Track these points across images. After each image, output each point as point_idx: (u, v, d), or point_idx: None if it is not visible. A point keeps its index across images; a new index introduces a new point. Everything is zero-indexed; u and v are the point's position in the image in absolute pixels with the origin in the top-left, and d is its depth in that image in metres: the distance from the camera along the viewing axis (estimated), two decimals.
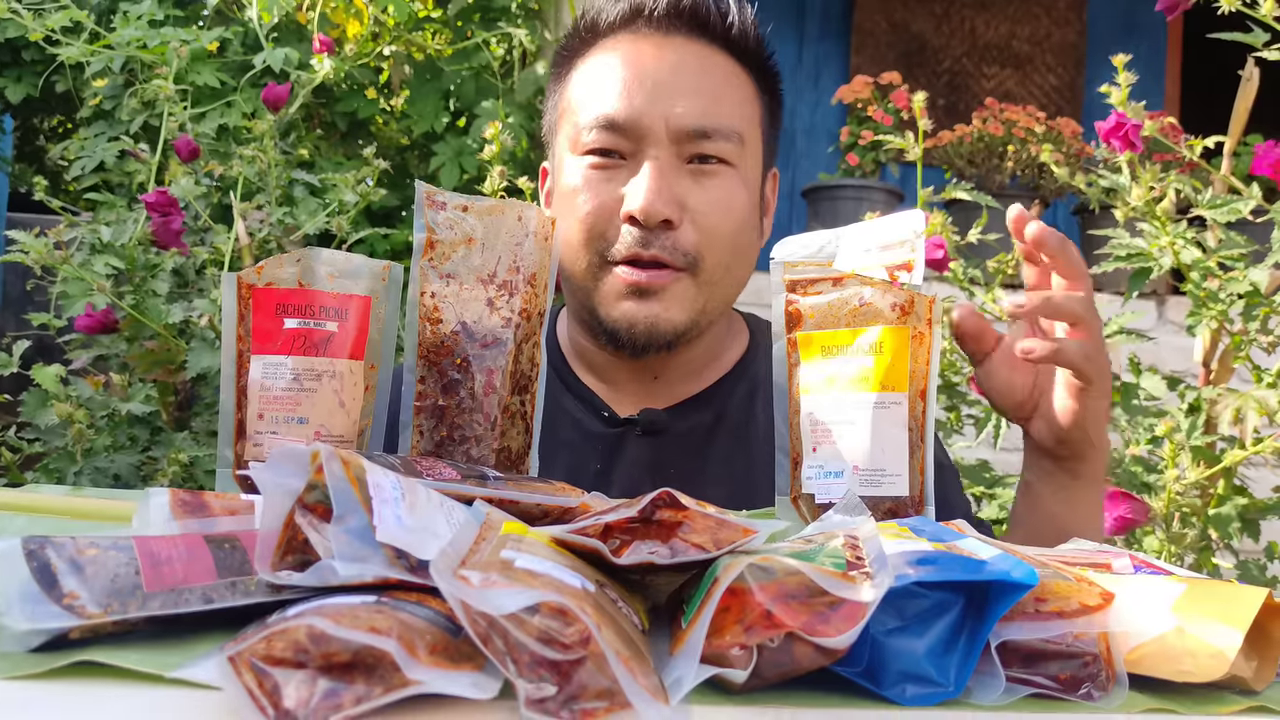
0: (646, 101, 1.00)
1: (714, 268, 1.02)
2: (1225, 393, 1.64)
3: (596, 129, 1.01)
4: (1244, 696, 0.52)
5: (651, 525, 0.54)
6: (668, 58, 1.03)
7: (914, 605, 0.49)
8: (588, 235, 1.01)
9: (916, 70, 5.03)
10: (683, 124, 1.00)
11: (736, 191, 1.03)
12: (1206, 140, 1.62)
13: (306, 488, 0.50)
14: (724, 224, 1.02)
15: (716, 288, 1.04)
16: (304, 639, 0.41)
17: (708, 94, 1.02)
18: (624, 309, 1.01)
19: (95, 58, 2.54)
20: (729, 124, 1.02)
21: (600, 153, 1.02)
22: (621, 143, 1.01)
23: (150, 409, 1.83)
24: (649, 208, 0.97)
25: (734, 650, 0.46)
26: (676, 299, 1.01)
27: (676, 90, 1.00)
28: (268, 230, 2.08)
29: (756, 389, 1.14)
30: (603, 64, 1.04)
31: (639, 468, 1.07)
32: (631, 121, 1.00)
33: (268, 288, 0.75)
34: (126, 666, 0.44)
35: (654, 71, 1.01)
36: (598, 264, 1.02)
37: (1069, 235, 3.91)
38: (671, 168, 1.00)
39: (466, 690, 0.41)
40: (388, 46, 2.80)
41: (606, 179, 1.01)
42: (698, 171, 1.02)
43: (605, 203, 1.01)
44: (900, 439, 0.77)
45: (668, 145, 1.00)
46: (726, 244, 1.03)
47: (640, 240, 0.99)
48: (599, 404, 1.11)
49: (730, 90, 1.05)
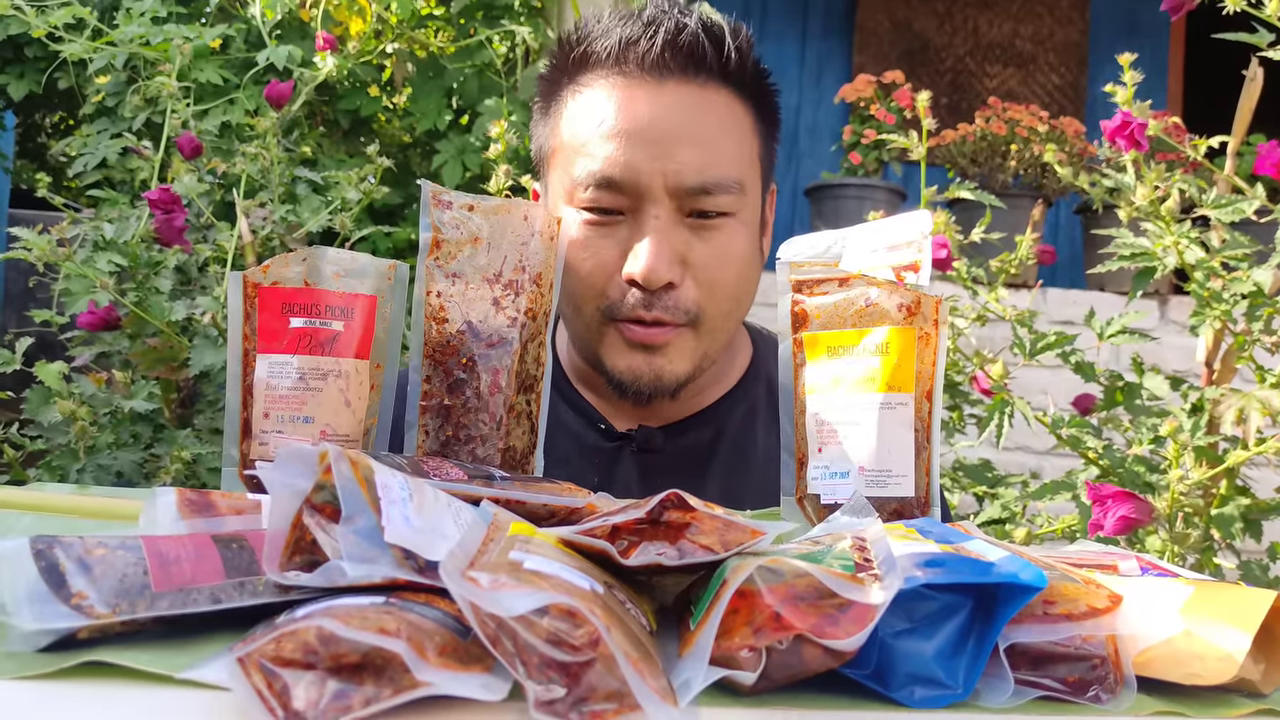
0: (644, 158, 0.96)
1: (714, 318, 1.02)
2: (1228, 393, 1.64)
3: (593, 187, 0.98)
4: (1252, 699, 0.52)
5: (659, 526, 0.54)
6: (663, 105, 0.98)
7: (922, 607, 0.49)
8: (589, 293, 1.00)
9: (919, 69, 5.02)
10: (682, 182, 0.97)
11: (736, 240, 1.02)
12: (1210, 140, 1.62)
13: (314, 488, 0.50)
14: (725, 277, 1.01)
15: (717, 334, 1.03)
16: (313, 640, 0.41)
17: (706, 145, 0.99)
18: (629, 362, 1.01)
19: (98, 54, 2.54)
20: (729, 175, 0.99)
21: (598, 210, 0.99)
22: (619, 200, 0.98)
23: (153, 406, 1.83)
24: (651, 274, 0.95)
25: (743, 652, 0.46)
26: (679, 351, 1.01)
27: (674, 144, 0.97)
28: (270, 228, 2.08)
29: (756, 410, 1.13)
30: (595, 108, 1.00)
31: (634, 485, 1.07)
32: (629, 181, 0.97)
33: (274, 287, 0.75)
34: (135, 667, 0.44)
35: (649, 124, 0.97)
36: (600, 320, 1.01)
37: (1072, 235, 3.89)
38: (671, 226, 0.98)
39: (476, 692, 0.41)
40: (390, 44, 2.79)
41: (604, 235, 0.99)
42: (697, 225, 0.99)
43: (605, 262, 0.99)
44: (906, 439, 0.77)
45: (667, 202, 0.97)
46: (727, 295, 1.02)
47: (643, 303, 0.98)
48: (596, 417, 1.10)
49: (729, 133, 1.01)
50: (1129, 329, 1.81)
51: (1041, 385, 3.17)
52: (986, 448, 3.14)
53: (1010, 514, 1.85)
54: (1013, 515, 1.85)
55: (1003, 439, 1.68)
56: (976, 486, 1.98)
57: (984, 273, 1.96)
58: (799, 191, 4.51)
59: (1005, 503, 1.88)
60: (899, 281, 0.81)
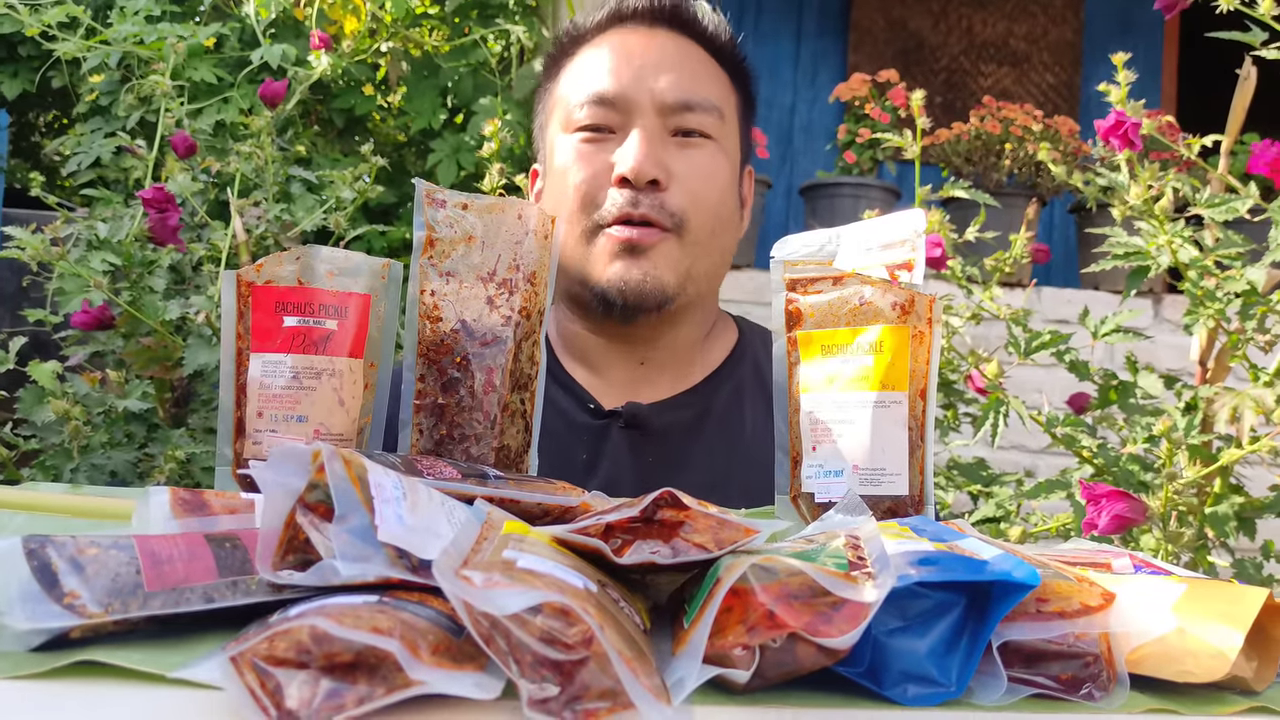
0: (633, 79, 1.09)
1: (698, 229, 1.09)
2: (1222, 391, 1.64)
3: (588, 105, 1.09)
4: (1245, 697, 0.52)
5: (653, 525, 0.54)
6: (652, 44, 1.12)
7: (916, 605, 0.49)
8: (581, 202, 1.08)
9: (914, 68, 5.02)
10: (666, 98, 1.08)
11: (718, 160, 1.12)
12: (1204, 139, 1.62)
13: (308, 487, 0.50)
14: (707, 190, 1.09)
15: (701, 251, 1.10)
16: (306, 639, 0.41)
17: (688, 73, 1.11)
18: (615, 269, 1.07)
19: (92, 53, 2.54)
20: (709, 98, 1.11)
21: (591, 129, 1.09)
22: (611, 117, 1.09)
23: (147, 406, 1.82)
24: (638, 168, 1.04)
25: (736, 650, 0.46)
26: (664, 258, 1.07)
27: (660, 69, 1.10)
28: (265, 227, 2.08)
29: (743, 388, 1.17)
30: (592, 55, 1.13)
31: (623, 460, 1.10)
32: (620, 96, 1.08)
33: (267, 285, 0.75)
34: (128, 666, 0.44)
35: (639, 55, 1.11)
36: (590, 229, 1.08)
37: (1066, 234, 3.90)
38: (658, 136, 1.08)
39: (469, 691, 0.41)
40: (385, 43, 2.79)
41: (597, 150, 1.09)
42: (682, 143, 1.09)
43: (597, 171, 1.08)
44: (900, 438, 0.77)
45: (654, 116, 1.08)
46: (710, 209, 1.10)
47: (630, 200, 1.06)
48: (585, 395, 1.14)
49: (708, 73, 1.14)
50: (1123, 328, 1.82)
51: (1036, 384, 3.18)
52: (981, 446, 3.14)
53: (1005, 512, 1.86)
54: (1007, 514, 1.85)
55: (998, 438, 1.68)
56: (971, 485, 1.98)
57: (978, 272, 1.97)
58: (794, 190, 4.51)
59: (1000, 501, 1.88)
60: (893, 280, 0.81)
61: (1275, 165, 1.62)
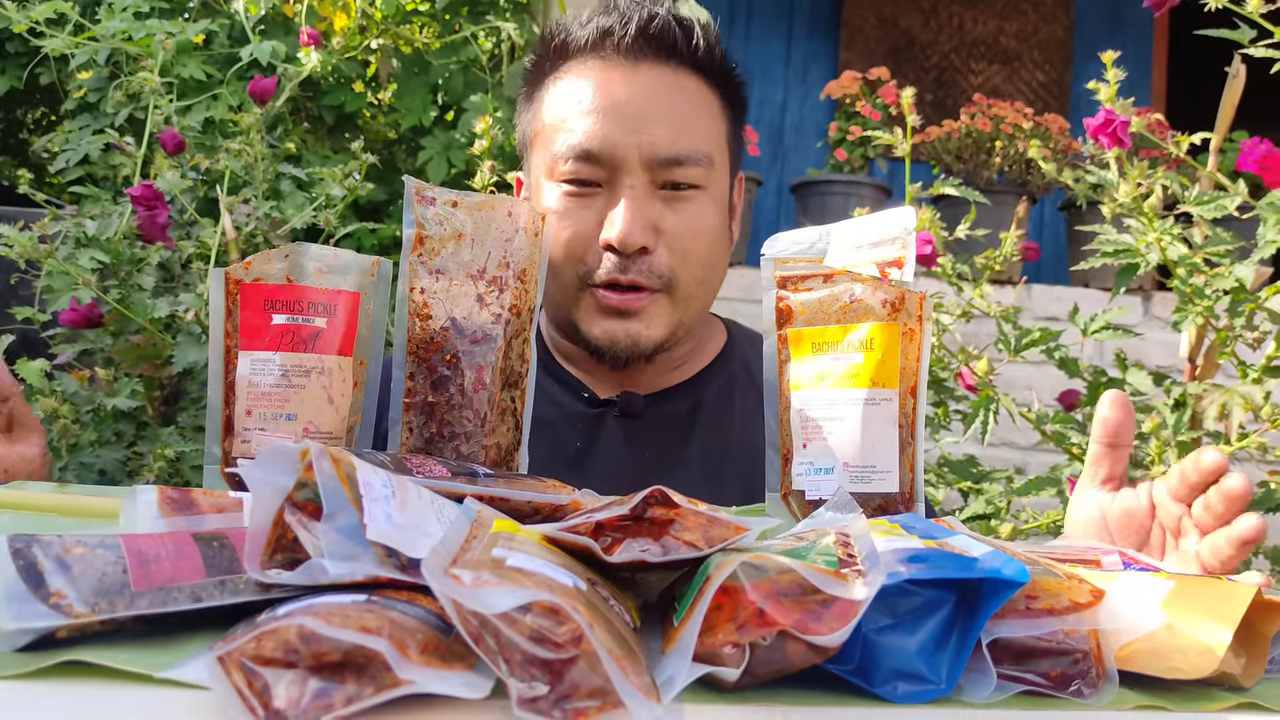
0: (620, 132, 1.03)
1: (688, 284, 1.07)
2: (1211, 388, 1.65)
3: (573, 159, 1.04)
4: (1233, 693, 0.52)
5: (643, 523, 0.53)
6: (638, 85, 1.06)
7: (906, 603, 0.49)
8: (566, 259, 1.05)
9: (905, 66, 5.03)
10: (655, 153, 1.04)
11: (707, 212, 1.08)
12: (1193, 137, 1.62)
13: (296, 485, 0.50)
14: (696, 245, 1.07)
15: (691, 302, 1.09)
16: (294, 639, 0.40)
17: (678, 121, 1.05)
18: (605, 327, 1.06)
19: (80, 50, 2.52)
20: (699, 149, 1.06)
21: (577, 182, 1.05)
22: (597, 172, 1.04)
23: (135, 404, 1.81)
24: (626, 238, 1.01)
25: (726, 648, 0.46)
26: (654, 317, 1.06)
27: (648, 119, 1.04)
28: (254, 224, 2.07)
29: (733, 383, 1.18)
30: (575, 89, 1.07)
31: (617, 449, 1.11)
32: (606, 152, 1.03)
33: (255, 283, 0.75)
34: (114, 666, 0.43)
35: (625, 101, 1.05)
36: (577, 285, 1.06)
37: (1056, 231, 3.90)
38: (645, 195, 1.04)
39: (458, 690, 0.41)
40: (375, 40, 2.78)
41: (583, 205, 1.05)
42: (670, 197, 1.05)
43: (583, 230, 1.04)
44: (891, 435, 0.77)
45: (641, 173, 1.04)
46: (699, 263, 1.08)
47: (619, 267, 1.03)
48: (579, 386, 1.15)
49: (698, 113, 1.08)
50: (1112, 325, 1.82)
51: (1026, 381, 3.19)
52: (972, 443, 3.15)
53: (995, 509, 1.86)
54: (997, 511, 1.85)
55: (988, 435, 1.69)
56: (961, 482, 1.98)
57: (969, 269, 1.97)
58: (785, 188, 4.51)
59: (990, 498, 1.89)
60: (883, 278, 0.81)
61: (1264, 163, 1.62)
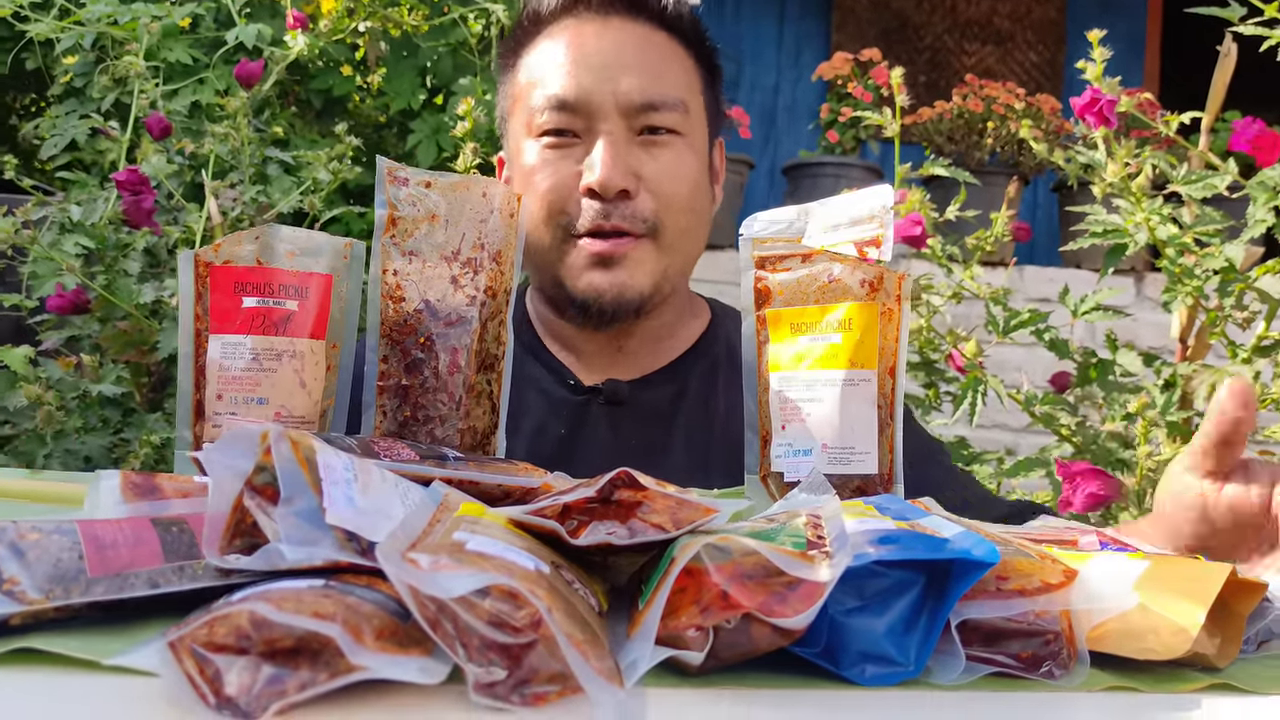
0: (594, 80, 1.04)
1: (672, 230, 1.07)
2: (1200, 368, 1.64)
3: (549, 110, 1.05)
4: (1206, 674, 0.52)
5: (610, 505, 0.53)
6: (609, 38, 1.07)
7: (874, 584, 0.49)
8: (549, 211, 1.05)
9: (897, 47, 5.00)
10: (630, 99, 1.04)
11: (686, 158, 1.08)
12: (1183, 116, 1.61)
13: (255, 469, 0.49)
14: (678, 190, 1.07)
15: (676, 250, 1.09)
16: (246, 624, 0.40)
17: (650, 69, 1.07)
18: (590, 279, 1.05)
19: (65, 34, 2.50)
20: (673, 94, 1.07)
21: (555, 133, 1.06)
22: (574, 121, 1.05)
23: (121, 390, 1.80)
24: (606, 180, 1.01)
25: (690, 631, 0.45)
26: (640, 264, 1.05)
27: (621, 67, 1.05)
28: (240, 209, 2.06)
29: (717, 366, 1.17)
30: (549, 49, 1.08)
31: (602, 436, 1.10)
32: (582, 100, 1.04)
33: (225, 266, 0.74)
34: (65, 653, 0.43)
35: (598, 52, 1.06)
36: (561, 238, 1.06)
37: (1050, 213, 3.89)
38: (624, 141, 1.05)
39: (413, 675, 0.40)
40: (363, 22, 2.76)
41: (562, 156, 1.05)
42: (648, 143, 1.06)
43: (564, 179, 1.04)
44: (869, 416, 0.76)
45: (618, 120, 1.04)
46: (682, 208, 1.07)
47: (601, 212, 1.03)
48: (565, 372, 1.14)
49: (670, 64, 1.09)
50: (1103, 306, 1.81)
51: (1018, 363, 3.18)
52: (964, 425, 3.15)
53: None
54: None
55: (976, 416, 1.68)
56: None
57: (959, 250, 1.96)
58: (777, 170, 4.49)
59: (980, 479, 1.88)
60: (861, 257, 0.80)
61: (1257, 142, 1.61)
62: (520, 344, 1.15)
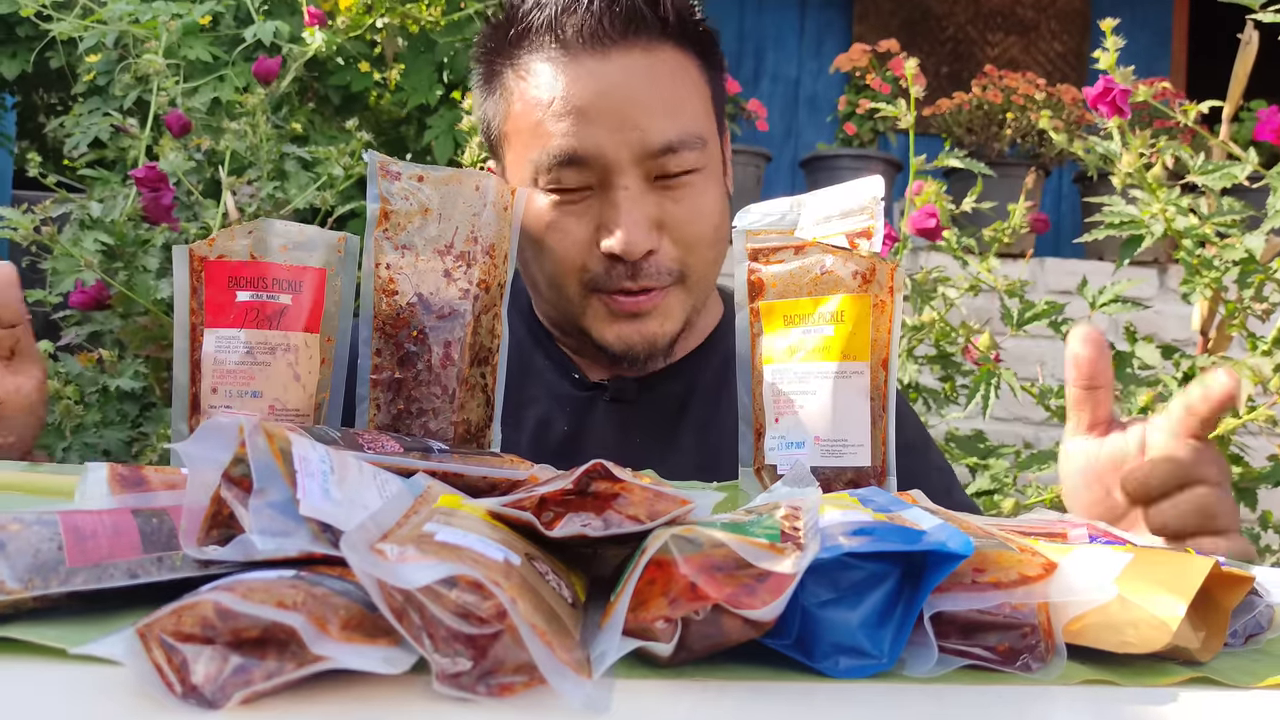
0: (605, 131, 0.95)
1: (698, 270, 1.03)
2: (1219, 361, 1.63)
3: (556, 168, 0.97)
4: (1187, 667, 0.51)
5: (587, 497, 0.53)
6: (613, 76, 0.97)
7: (848, 577, 0.49)
8: (567, 271, 1.00)
9: (919, 38, 4.97)
10: (646, 146, 0.96)
11: (707, 194, 1.02)
12: (1202, 105, 1.59)
13: (233, 461, 0.49)
14: (702, 231, 1.01)
15: (703, 283, 1.05)
16: (211, 614, 0.40)
17: (664, 106, 0.98)
18: (619, 332, 1.01)
19: (88, 33, 2.53)
20: (691, 132, 0.99)
21: (564, 191, 0.98)
22: (585, 177, 0.97)
23: (139, 385, 1.83)
24: (629, 246, 0.95)
25: (659, 623, 0.45)
26: (669, 312, 1.02)
27: (632, 110, 0.96)
28: (257, 205, 2.08)
29: (730, 359, 1.13)
30: (544, 89, 0.98)
31: (607, 435, 1.08)
32: (593, 156, 0.96)
33: (219, 260, 0.74)
34: (41, 643, 0.43)
35: (603, 95, 0.96)
36: (582, 293, 1.01)
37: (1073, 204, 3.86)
38: (641, 194, 0.97)
39: (377, 665, 0.40)
40: (380, 18, 2.77)
41: (575, 214, 0.98)
42: (667, 186, 0.99)
43: (580, 239, 0.98)
44: (862, 409, 0.76)
45: (634, 170, 0.97)
46: (707, 247, 1.03)
47: (627, 273, 0.98)
48: (570, 366, 1.11)
49: (681, 88, 1.01)
50: (1122, 298, 1.80)
51: (1039, 355, 3.15)
52: (981, 419, 3.13)
53: (1000, 485, 1.85)
54: (1002, 486, 1.84)
55: (990, 409, 1.67)
56: (967, 458, 1.97)
57: (976, 242, 1.95)
58: (798, 164, 4.48)
59: (995, 474, 1.87)
60: (852, 248, 0.80)
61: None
62: (527, 333, 1.13)
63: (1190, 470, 0.77)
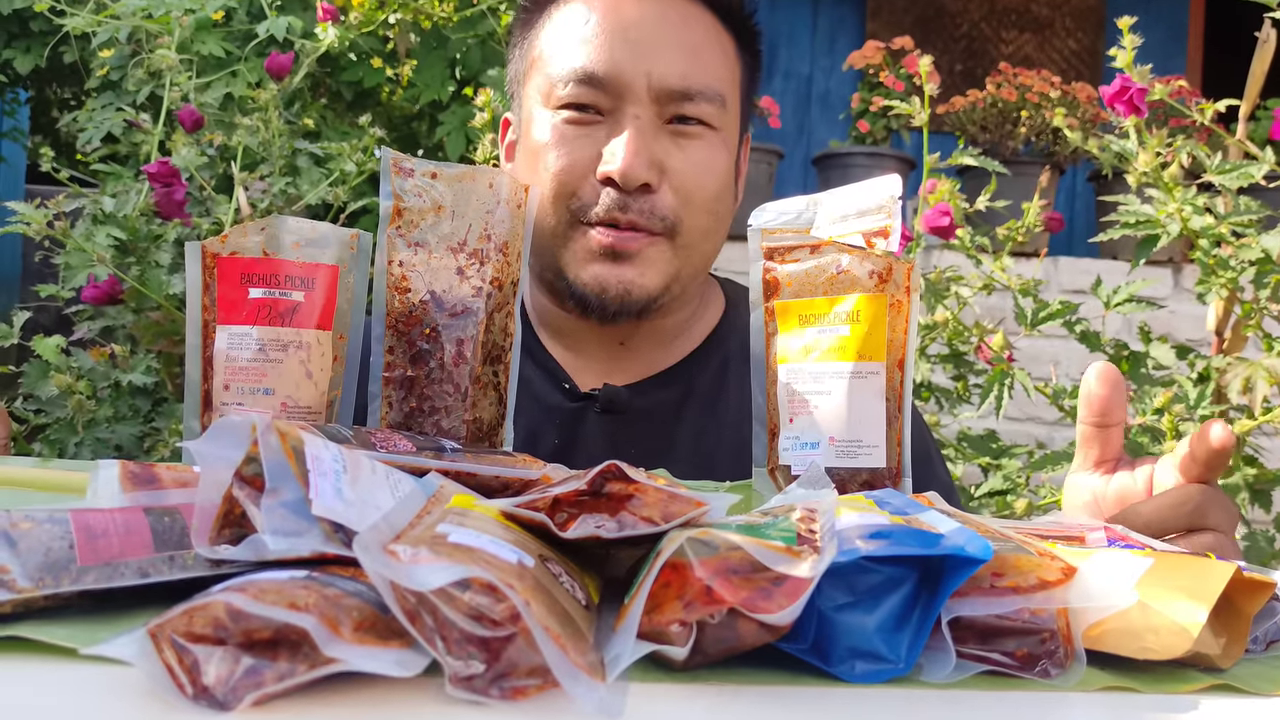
0: (628, 57, 0.95)
1: (691, 231, 0.99)
2: (1234, 362, 1.61)
3: (573, 82, 0.96)
4: (1208, 674, 0.51)
5: (601, 499, 0.52)
6: (649, 11, 0.98)
7: (865, 580, 0.48)
8: (559, 193, 0.97)
9: (933, 35, 4.95)
10: (665, 83, 0.96)
11: (717, 155, 1.00)
12: (1218, 104, 1.58)
13: (245, 460, 0.49)
14: (703, 188, 0.99)
15: (692, 252, 1.01)
16: (223, 615, 0.40)
17: (690, 52, 0.97)
18: (595, 271, 0.97)
19: (101, 28, 2.54)
20: (712, 85, 0.98)
21: (576, 107, 0.97)
22: (600, 98, 0.96)
23: (151, 380, 1.83)
24: (628, 171, 0.93)
25: (673, 626, 0.44)
26: (651, 263, 0.98)
27: (659, 46, 0.96)
28: (270, 200, 2.08)
29: (729, 362, 1.10)
30: (579, 13, 0.99)
31: (598, 446, 1.03)
32: (611, 77, 0.95)
33: (232, 257, 0.74)
34: (52, 642, 0.43)
35: (635, 25, 0.96)
36: (568, 222, 0.98)
37: (1088, 203, 3.84)
38: (651, 128, 0.96)
39: (389, 668, 0.40)
40: (393, 14, 2.77)
41: (582, 135, 0.97)
42: (678, 133, 0.98)
43: (580, 160, 0.97)
44: (878, 409, 0.75)
45: (648, 104, 0.96)
46: (705, 209, 1.00)
47: (618, 203, 0.95)
48: (561, 375, 1.07)
49: (712, 49, 1.00)
50: (1136, 297, 1.79)
51: (1053, 355, 3.14)
52: (994, 419, 3.12)
53: (1013, 485, 1.84)
54: (1015, 486, 1.83)
55: (1002, 409, 1.66)
56: (979, 458, 1.96)
57: (989, 241, 1.94)
58: (810, 161, 4.46)
59: (1008, 474, 1.86)
60: (869, 247, 0.79)
61: None
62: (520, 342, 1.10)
63: (1196, 516, 0.75)
